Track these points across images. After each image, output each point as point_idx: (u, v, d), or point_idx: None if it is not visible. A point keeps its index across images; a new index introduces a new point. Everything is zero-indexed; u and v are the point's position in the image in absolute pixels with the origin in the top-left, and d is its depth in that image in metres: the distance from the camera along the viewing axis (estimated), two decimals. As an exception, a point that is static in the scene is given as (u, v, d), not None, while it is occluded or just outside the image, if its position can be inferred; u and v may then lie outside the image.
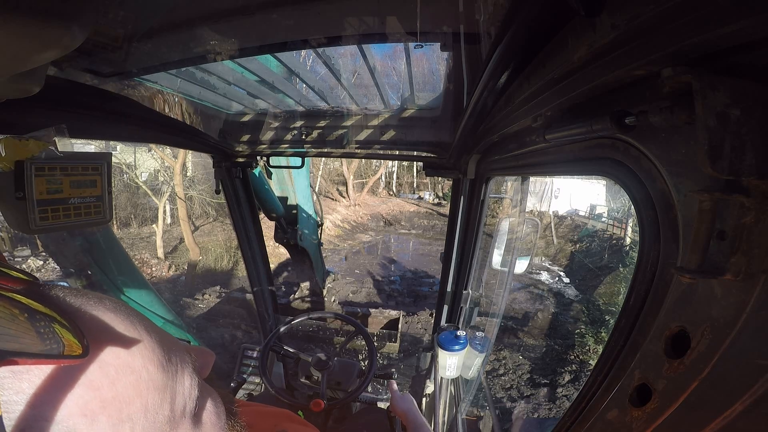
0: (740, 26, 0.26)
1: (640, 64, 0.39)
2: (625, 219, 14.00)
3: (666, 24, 0.32)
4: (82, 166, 0.98)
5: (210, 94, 1.55)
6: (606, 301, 9.48)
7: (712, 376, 0.32)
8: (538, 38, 0.55)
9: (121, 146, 13.32)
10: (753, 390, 0.28)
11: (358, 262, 13.72)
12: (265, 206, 3.41)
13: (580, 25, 0.45)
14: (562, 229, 16.38)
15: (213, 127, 1.84)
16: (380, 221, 21.18)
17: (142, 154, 14.69)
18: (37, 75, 0.47)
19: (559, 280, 12.06)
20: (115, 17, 0.72)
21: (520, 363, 7.32)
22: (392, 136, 1.77)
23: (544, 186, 17.38)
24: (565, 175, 1.00)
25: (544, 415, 6.11)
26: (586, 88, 0.52)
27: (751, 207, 0.29)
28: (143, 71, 1.13)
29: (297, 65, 1.41)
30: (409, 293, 10.53)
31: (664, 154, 0.41)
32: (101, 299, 0.34)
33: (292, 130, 1.87)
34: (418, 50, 1.07)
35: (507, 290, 2.08)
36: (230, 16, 0.80)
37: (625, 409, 0.44)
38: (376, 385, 4.30)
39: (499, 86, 0.75)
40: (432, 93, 1.64)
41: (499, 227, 1.93)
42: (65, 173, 0.94)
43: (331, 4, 0.77)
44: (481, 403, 2.96)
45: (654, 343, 0.41)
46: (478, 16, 0.71)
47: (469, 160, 1.59)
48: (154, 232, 12.22)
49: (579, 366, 7.25)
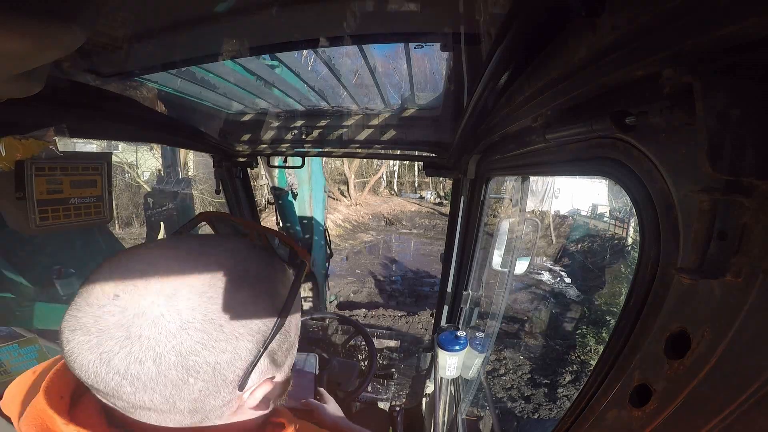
0: (740, 26, 0.26)
1: (641, 64, 0.38)
2: (626, 219, 13.99)
3: (666, 24, 0.32)
4: (82, 166, 0.98)
5: (210, 93, 1.55)
6: (607, 301, 9.47)
7: (712, 376, 0.32)
8: (538, 39, 0.55)
9: (123, 145, 13.33)
10: (753, 390, 0.28)
11: (359, 261, 13.72)
12: (288, 231, 3.67)
13: (580, 25, 0.45)
14: (563, 229, 16.37)
15: (213, 127, 1.84)
16: (381, 221, 21.18)
17: (143, 154, 14.69)
18: (38, 75, 0.47)
19: (560, 280, 12.05)
20: (115, 17, 0.72)
21: (521, 363, 7.31)
22: (393, 135, 1.76)
23: (544, 186, 17.36)
24: (566, 175, 1.00)
25: (545, 416, 6.10)
26: (586, 89, 0.51)
27: (752, 207, 0.29)
28: (143, 71, 1.14)
29: (297, 65, 1.41)
30: (410, 293, 10.53)
31: (664, 155, 0.41)
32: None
33: (293, 130, 1.87)
34: (418, 50, 1.07)
35: (507, 291, 2.07)
36: (230, 16, 0.80)
37: (624, 409, 0.44)
38: (376, 385, 4.31)
39: (500, 86, 0.75)
40: (432, 93, 1.63)
41: (499, 227, 1.93)
42: (65, 173, 0.94)
43: (331, 4, 0.77)
44: (481, 403, 2.96)
45: (654, 344, 0.41)
46: (478, 16, 0.71)
47: (469, 160, 1.59)
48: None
49: (579, 366, 7.25)
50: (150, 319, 0.35)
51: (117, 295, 0.36)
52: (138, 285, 0.36)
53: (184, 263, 0.39)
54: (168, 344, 0.35)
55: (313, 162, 3.97)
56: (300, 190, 3.69)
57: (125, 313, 0.35)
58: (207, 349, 0.37)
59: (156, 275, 0.37)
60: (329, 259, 4.49)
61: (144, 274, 0.37)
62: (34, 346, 1.76)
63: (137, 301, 0.35)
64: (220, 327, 0.37)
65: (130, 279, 0.37)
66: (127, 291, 0.36)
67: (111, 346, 0.34)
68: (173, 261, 0.39)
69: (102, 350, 0.34)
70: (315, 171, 4.02)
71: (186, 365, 0.36)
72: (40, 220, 0.90)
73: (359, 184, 24.25)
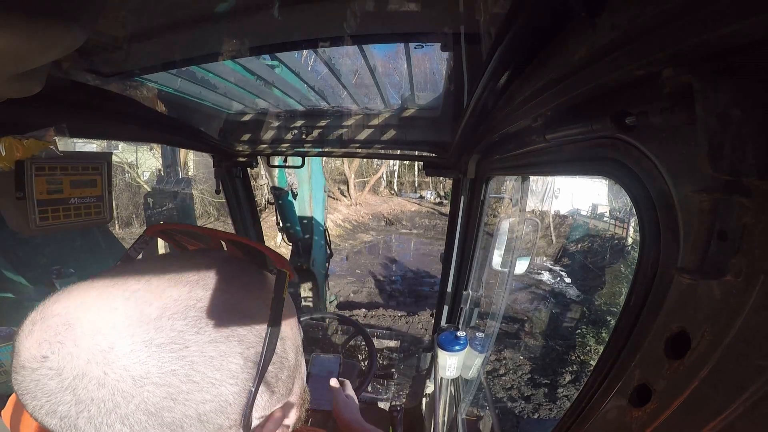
0: (740, 26, 0.25)
1: (641, 64, 0.38)
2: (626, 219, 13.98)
3: (666, 24, 0.32)
4: (82, 166, 0.98)
5: (210, 93, 1.55)
6: (607, 300, 9.47)
7: (712, 376, 0.32)
8: (538, 38, 0.55)
9: (123, 145, 13.32)
10: (753, 390, 0.28)
11: (359, 261, 13.72)
12: (288, 231, 3.65)
13: (580, 25, 0.45)
14: (563, 229, 16.36)
15: (213, 127, 1.84)
16: (381, 220, 21.17)
17: (143, 153, 14.68)
18: (38, 75, 0.47)
19: (560, 280, 12.05)
20: (116, 17, 0.72)
21: (521, 363, 7.31)
22: (393, 135, 1.76)
23: (544, 186, 17.36)
24: (565, 175, 1.00)
25: (545, 416, 6.10)
26: (586, 88, 0.51)
27: (752, 207, 0.29)
28: (144, 71, 1.13)
29: (297, 65, 1.41)
30: (410, 293, 10.53)
31: (664, 155, 0.41)
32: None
33: (293, 130, 1.87)
34: (418, 50, 1.07)
35: (507, 290, 2.07)
36: (230, 16, 0.80)
37: (625, 409, 0.44)
38: (376, 385, 4.31)
39: (500, 86, 0.75)
40: (432, 93, 1.63)
41: (499, 227, 1.93)
42: (65, 173, 0.94)
43: (331, 4, 0.77)
44: (481, 403, 2.96)
45: (654, 344, 0.41)
46: (478, 16, 0.71)
47: (469, 159, 1.59)
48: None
49: (579, 366, 7.24)
50: (95, 381, 0.29)
51: (45, 356, 0.29)
52: (65, 342, 0.30)
53: (118, 304, 0.32)
54: (130, 404, 0.30)
55: (313, 162, 3.96)
56: (300, 190, 3.69)
57: (62, 376, 0.29)
58: (181, 404, 0.31)
59: (86, 326, 0.30)
60: (329, 259, 4.49)
61: (70, 327, 0.30)
62: (34, 346, 1.75)
63: (70, 362, 0.29)
64: (186, 377, 0.31)
65: (55, 334, 0.30)
66: (54, 351, 0.29)
67: (67, 411, 0.29)
68: (104, 303, 0.32)
69: (61, 415, 0.29)
70: (315, 171, 4.02)
71: (164, 423, 0.31)
72: (40, 220, 0.90)
73: (359, 183, 24.24)
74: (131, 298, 0.32)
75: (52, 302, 0.32)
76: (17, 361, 0.30)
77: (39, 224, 0.89)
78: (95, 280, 0.35)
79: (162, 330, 0.31)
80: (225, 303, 0.36)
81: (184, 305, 0.33)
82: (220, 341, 0.33)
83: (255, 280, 0.41)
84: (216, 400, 0.33)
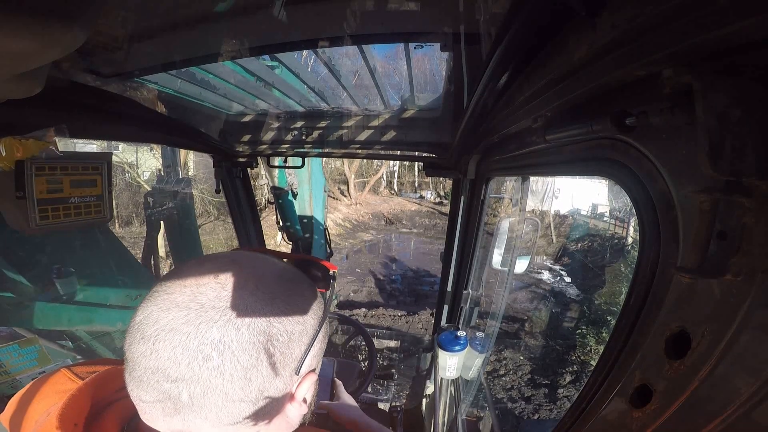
0: (740, 26, 0.25)
1: (641, 64, 0.38)
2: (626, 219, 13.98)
3: (666, 24, 0.32)
4: (82, 166, 0.98)
5: (210, 94, 1.55)
6: (607, 300, 9.46)
7: (712, 376, 0.32)
8: (538, 38, 0.55)
9: (123, 145, 13.32)
10: (753, 390, 0.28)
11: (359, 261, 13.73)
12: (288, 230, 3.66)
13: (580, 24, 0.45)
14: (563, 228, 16.36)
15: (213, 128, 1.84)
16: (381, 220, 21.18)
17: (143, 153, 14.68)
18: (38, 75, 0.47)
19: (560, 279, 12.05)
20: (116, 17, 0.72)
21: (521, 363, 7.31)
22: (393, 136, 1.76)
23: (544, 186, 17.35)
24: (565, 175, 1.00)
25: (545, 416, 6.10)
26: (586, 89, 0.51)
27: (751, 207, 0.29)
28: (144, 72, 1.13)
29: (297, 66, 1.41)
30: (410, 292, 10.54)
31: (664, 155, 0.41)
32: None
33: (293, 131, 1.87)
34: (418, 51, 1.07)
35: (507, 290, 2.07)
36: (230, 16, 0.80)
37: (625, 409, 0.44)
38: (376, 385, 4.31)
39: (500, 86, 0.75)
40: (432, 93, 1.63)
41: (499, 227, 1.93)
42: (65, 173, 0.94)
43: (331, 4, 0.77)
44: (481, 404, 2.96)
45: (654, 344, 0.41)
46: (478, 16, 0.71)
47: (469, 160, 1.58)
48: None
49: (580, 366, 7.24)
50: (249, 291, 0.41)
51: (218, 275, 0.41)
52: (234, 272, 0.42)
53: (264, 262, 0.47)
54: (262, 310, 0.41)
55: (313, 162, 3.97)
56: (300, 190, 3.69)
57: (225, 289, 0.40)
58: (286, 320, 0.43)
59: (246, 268, 0.44)
60: (329, 258, 4.50)
61: (240, 266, 0.43)
62: (34, 346, 1.76)
63: (237, 281, 0.41)
64: (295, 305, 0.45)
65: (227, 268, 0.42)
66: (226, 276, 0.41)
67: (212, 316, 0.38)
68: (258, 260, 0.47)
69: (201, 321, 0.38)
70: (315, 171, 4.02)
71: (270, 332, 0.41)
72: (40, 220, 0.90)
73: (359, 183, 24.24)
74: (270, 261, 0.48)
75: (213, 255, 0.47)
76: (177, 283, 0.42)
77: (39, 223, 0.89)
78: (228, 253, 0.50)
79: (286, 272, 0.48)
80: (304, 279, 0.51)
81: (293, 273, 0.50)
82: (308, 295, 0.48)
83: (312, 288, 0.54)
84: (303, 324, 0.45)
